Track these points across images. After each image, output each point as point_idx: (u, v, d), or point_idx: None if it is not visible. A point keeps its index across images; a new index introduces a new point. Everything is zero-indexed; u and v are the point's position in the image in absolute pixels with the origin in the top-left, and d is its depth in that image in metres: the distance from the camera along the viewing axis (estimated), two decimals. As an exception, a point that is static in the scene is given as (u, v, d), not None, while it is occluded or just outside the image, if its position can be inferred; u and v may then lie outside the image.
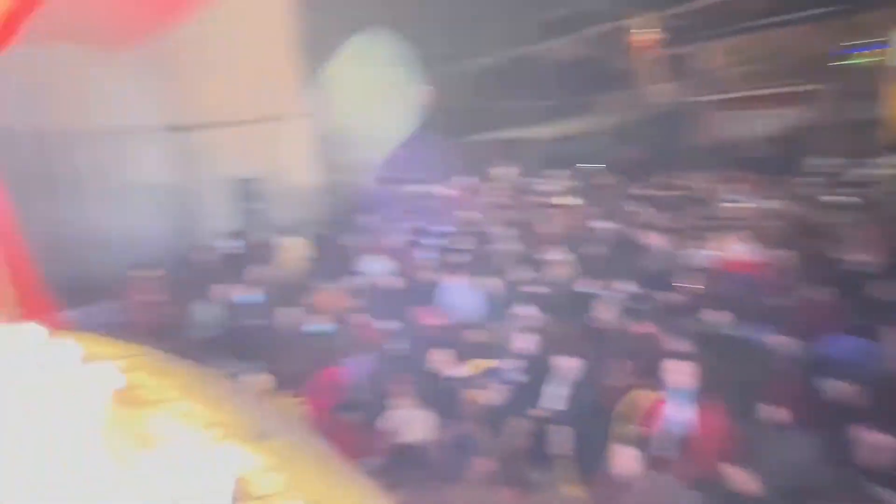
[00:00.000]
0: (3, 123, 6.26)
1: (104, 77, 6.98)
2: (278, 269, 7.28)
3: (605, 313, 5.03)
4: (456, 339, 4.82)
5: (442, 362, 4.30)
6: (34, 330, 3.57)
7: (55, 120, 6.84)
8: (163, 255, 7.76)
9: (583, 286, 5.82)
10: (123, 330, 4.37)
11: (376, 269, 6.87)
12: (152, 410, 2.35)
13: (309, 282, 6.69)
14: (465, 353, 4.59)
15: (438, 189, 10.84)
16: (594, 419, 3.51)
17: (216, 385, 3.05)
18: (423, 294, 6.00)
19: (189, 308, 6.36)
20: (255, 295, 6.34)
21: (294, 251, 7.43)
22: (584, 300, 5.37)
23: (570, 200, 10.32)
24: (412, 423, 3.79)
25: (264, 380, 2.72)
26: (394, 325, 5.05)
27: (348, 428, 4.02)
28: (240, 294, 6.30)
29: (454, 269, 6.20)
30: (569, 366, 3.94)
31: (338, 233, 8.31)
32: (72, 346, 3.25)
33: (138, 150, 7.54)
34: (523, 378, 4.22)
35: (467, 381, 4.18)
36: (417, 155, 12.54)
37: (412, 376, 4.10)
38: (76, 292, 4.75)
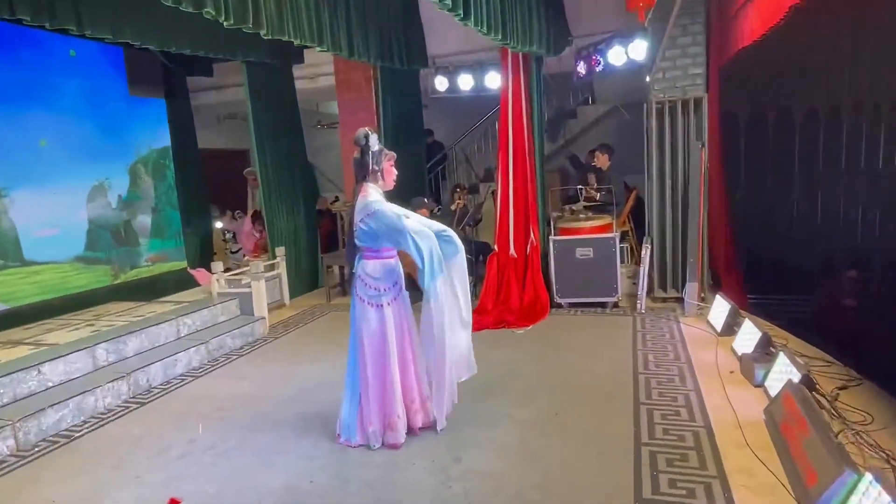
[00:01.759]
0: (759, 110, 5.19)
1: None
2: None
3: None
4: None
5: None
6: (722, 303, 3.84)
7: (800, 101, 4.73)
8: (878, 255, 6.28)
9: None
10: (809, 331, 3.90)
11: None
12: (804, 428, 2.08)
13: None
14: None
15: None
16: None
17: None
18: None
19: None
20: None
21: None
22: None
23: None
24: None
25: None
26: None
27: None
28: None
29: None
30: None
31: None
32: (751, 327, 3.31)
33: (862, 130, 5.30)
34: None
35: None
36: None
37: None
38: (770, 277, 4.53)
